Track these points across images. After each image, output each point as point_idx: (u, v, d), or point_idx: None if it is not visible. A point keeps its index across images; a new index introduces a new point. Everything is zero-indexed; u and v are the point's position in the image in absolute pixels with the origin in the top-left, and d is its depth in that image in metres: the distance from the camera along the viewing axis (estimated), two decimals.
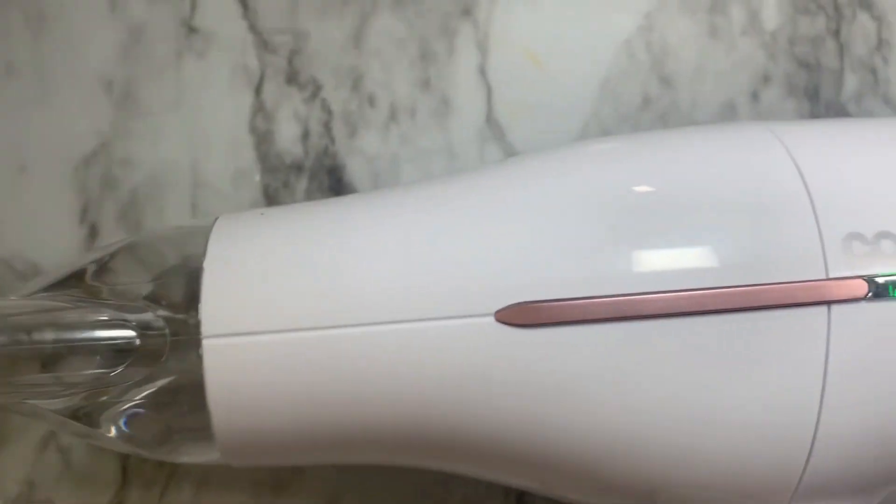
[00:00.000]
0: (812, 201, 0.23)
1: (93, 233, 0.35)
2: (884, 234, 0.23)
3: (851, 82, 0.37)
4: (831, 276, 0.22)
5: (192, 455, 0.25)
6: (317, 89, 0.36)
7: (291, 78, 0.36)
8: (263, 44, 0.36)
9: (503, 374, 0.22)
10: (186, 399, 0.23)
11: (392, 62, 0.36)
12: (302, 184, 0.35)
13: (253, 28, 0.37)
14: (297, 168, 0.35)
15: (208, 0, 0.37)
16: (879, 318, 0.22)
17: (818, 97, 0.37)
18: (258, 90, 0.36)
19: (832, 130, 0.26)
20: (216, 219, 0.25)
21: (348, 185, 0.35)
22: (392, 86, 0.36)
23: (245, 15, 0.37)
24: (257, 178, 0.35)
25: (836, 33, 0.37)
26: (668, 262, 0.22)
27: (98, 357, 0.25)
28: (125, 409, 0.24)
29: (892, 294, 0.22)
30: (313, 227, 0.24)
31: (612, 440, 0.23)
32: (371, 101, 0.36)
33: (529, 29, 0.37)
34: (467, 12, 0.37)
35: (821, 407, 0.22)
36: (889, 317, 0.22)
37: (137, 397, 0.24)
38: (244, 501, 0.32)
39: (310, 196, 0.35)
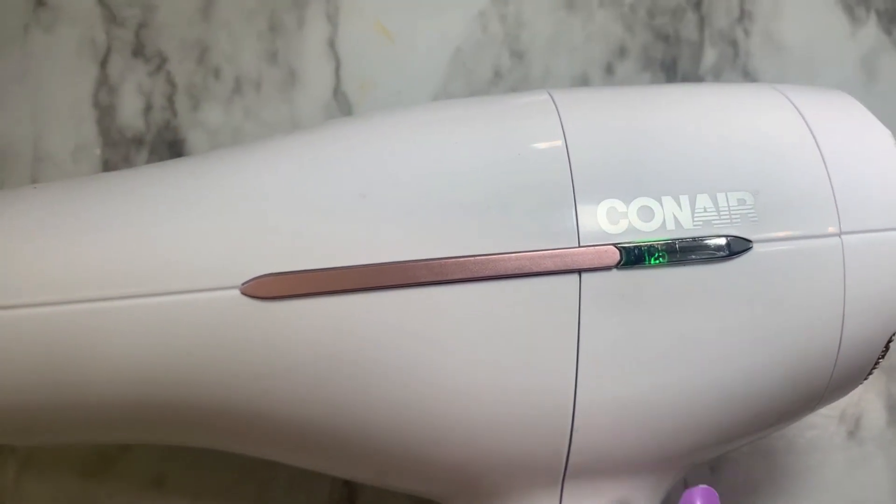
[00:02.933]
0: (571, 169, 0.22)
1: None
2: (640, 203, 0.22)
3: (710, 55, 0.36)
4: (583, 244, 0.21)
5: None
6: (162, 62, 0.35)
7: (138, 51, 0.36)
8: (112, 17, 0.36)
9: (251, 347, 0.22)
10: None
11: (240, 34, 0.36)
12: (142, 157, 0.35)
13: (101, 1, 0.36)
14: (138, 142, 0.35)
15: None
16: (633, 286, 0.21)
17: (675, 70, 0.36)
18: (104, 63, 0.35)
19: (607, 98, 0.25)
20: None
21: None
22: (238, 58, 0.35)
23: None
24: (98, 152, 0.35)
25: (698, 5, 0.37)
26: (414, 231, 0.21)
27: None
28: None
29: (648, 262, 0.22)
30: (65, 203, 0.23)
31: (361, 410, 0.22)
32: (216, 73, 0.35)
33: (381, 1, 0.36)
34: None
35: (577, 378, 0.22)
36: (643, 284, 0.22)
37: None
38: (70, 480, 0.32)
39: None
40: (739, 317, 0.22)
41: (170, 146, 0.35)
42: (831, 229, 0.22)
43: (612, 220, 0.22)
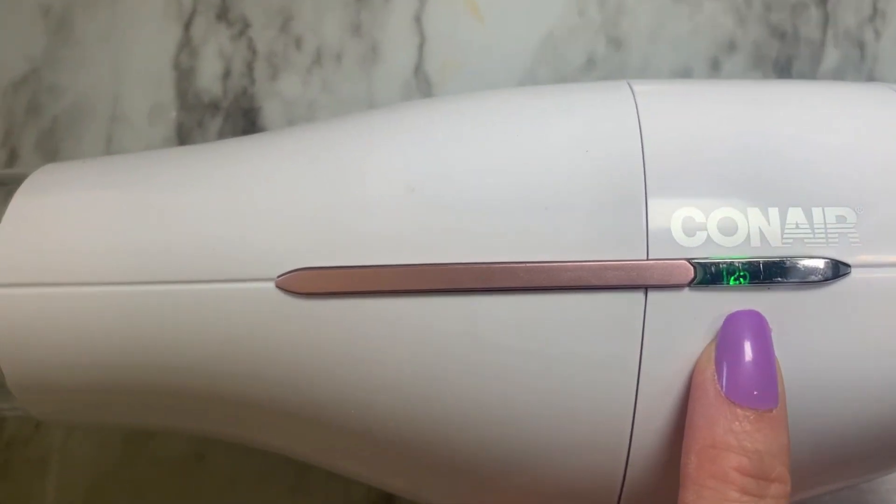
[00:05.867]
0: (645, 169, 0.19)
1: (12, 157, 0.35)
2: (722, 214, 0.19)
3: (832, 57, 0.33)
4: (652, 257, 0.19)
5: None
6: (245, 27, 0.35)
7: (222, 14, 0.35)
8: None
9: (284, 342, 0.20)
10: None
11: (325, 3, 0.34)
12: (216, 124, 0.34)
13: None
14: (214, 107, 0.34)
15: None
16: (707, 309, 0.19)
17: (789, 71, 0.33)
18: (188, 25, 0.35)
19: (694, 92, 0.22)
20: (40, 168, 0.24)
21: (262, 129, 0.34)
22: (322, 28, 0.34)
23: None
24: (173, 115, 0.34)
25: (823, 1, 0.33)
26: (462, 231, 0.19)
27: None
28: None
29: (726, 282, 0.19)
30: (112, 182, 0.22)
31: (391, 417, 0.20)
32: (298, 43, 0.34)
33: None
34: None
35: (635, 408, 0.19)
36: (719, 307, 0.19)
37: None
38: (114, 445, 0.32)
39: (222, 137, 0.34)
40: (829, 351, 0.19)
41: (245, 114, 0.34)
42: None
43: (687, 232, 0.19)
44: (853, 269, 0.19)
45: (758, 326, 0.18)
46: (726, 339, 0.18)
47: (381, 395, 0.20)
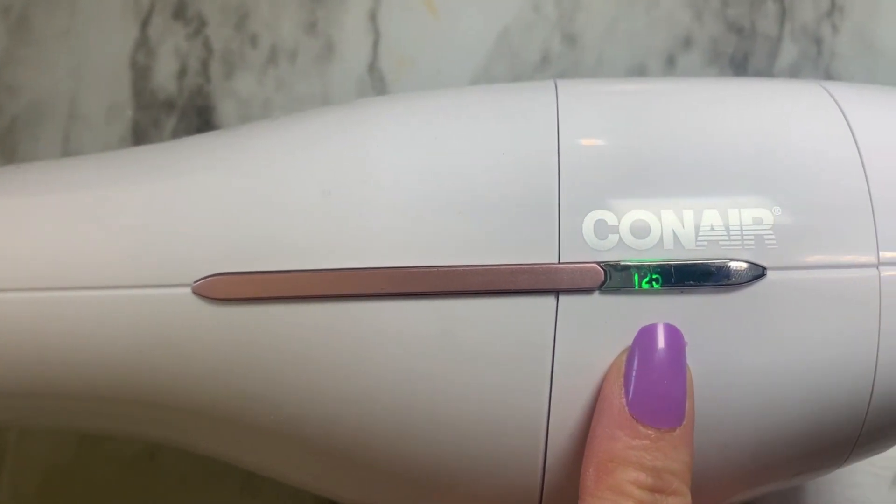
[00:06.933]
0: (559, 171, 0.19)
1: None
2: (635, 217, 0.19)
3: (789, 52, 0.32)
4: (564, 260, 0.19)
5: None
6: (201, 26, 0.34)
7: (179, 13, 0.35)
8: None
9: (198, 348, 0.20)
10: None
11: (281, 1, 0.34)
12: (171, 123, 0.34)
13: None
14: (169, 106, 0.34)
15: None
16: (618, 313, 0.19)
17: (746, 67, 0.32)
18: (145, 24, 0.35)
19: (618, 91, 0.22)
20: None
21: (216, 127, 0.34)
22: (277, 26, 0.34)
23: None
24: (130, 113, 0.34)
25: None
26: (375, 236, 0.19)
27: None
28: None
29: (637, 285, 0.19)
30: (24, 188, 0.22)
31: (309, 425, 0.20)
32: (253, 41, 0.34)
33: None
34: None
35: (549, 415, 0.19)
36: (630, 312, 0.19)
37: None
38: (68, 445, 0.32)
39: (177, 136, 0.34)
40: (745, 354, 0.19)
41: (199, 113, 0.34)
42: (867, 259, 0.19)
43: (599, 234, 0.19)
44: (768, 271, 0.19)
45: (672, 342, 0.18)
46: (637, 354, 0.18)
47: (296, 401, 0.20)
